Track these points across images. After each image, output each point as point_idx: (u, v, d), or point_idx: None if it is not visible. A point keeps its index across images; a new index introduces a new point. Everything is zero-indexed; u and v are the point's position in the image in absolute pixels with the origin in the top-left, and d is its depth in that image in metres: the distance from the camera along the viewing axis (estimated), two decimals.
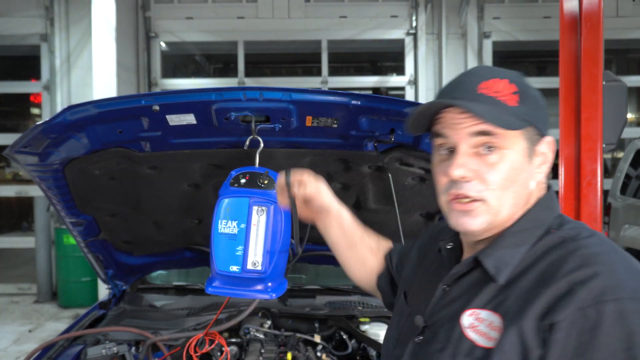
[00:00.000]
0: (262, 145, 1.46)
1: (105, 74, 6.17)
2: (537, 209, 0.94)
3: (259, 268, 1.32)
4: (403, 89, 7.33)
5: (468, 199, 0.90)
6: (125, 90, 6.45)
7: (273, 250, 1.34)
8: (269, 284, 1.37)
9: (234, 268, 1.32)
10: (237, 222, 1.33)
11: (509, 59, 9.20)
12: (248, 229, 1.33)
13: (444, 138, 0.93)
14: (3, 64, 8.01)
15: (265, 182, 1.38)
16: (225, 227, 1.33)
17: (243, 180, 1.39)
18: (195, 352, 1.63)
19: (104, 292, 2.88)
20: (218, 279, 1.37)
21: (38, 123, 1.60)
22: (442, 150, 0.95)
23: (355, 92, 1.57)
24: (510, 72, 0.94)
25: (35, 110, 9.34)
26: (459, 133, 0.90)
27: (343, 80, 7.85)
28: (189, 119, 1.61)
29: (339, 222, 1.27)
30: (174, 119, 1.61)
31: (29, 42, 7.00)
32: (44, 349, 2.05)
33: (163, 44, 7.41)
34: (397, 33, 7.22)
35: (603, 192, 2.19)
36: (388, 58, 9.03)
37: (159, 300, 2.59)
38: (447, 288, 0.98)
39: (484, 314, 0.87)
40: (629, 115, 10.22)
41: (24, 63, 8.16)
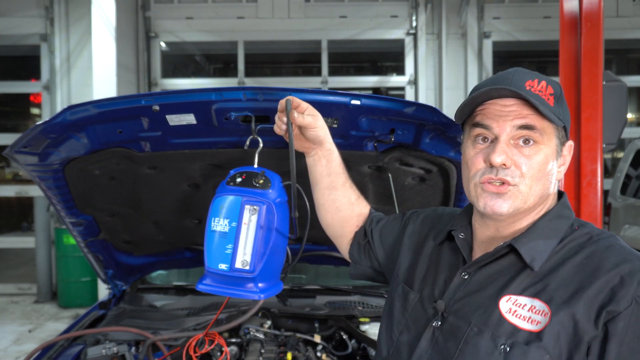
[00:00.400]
0: (261, 145, 1.45)
1: (105, 74, 6.17)
2: (560, 207, 1.04)
3: (247, 267, 1.32)
4: (403, 89, 7.33)
5: (502, 184, 0.98)
6: (125, 90, 6.45)
7: (263, 251, 1.33)
8: (259, 284, 1.36)
9: (223, 266, 1.32)
10: (229, 220, 1.33)
11: (509, 59, 9.20)
12: (238, 228, 1.33)
13: (485, 128, 1.01)
14: (3, 64, 8.01)
15: (261, 181, 1.37)
16: (218, 224, 1.33)
17: (239, 179, 1.38)
18: (195, 352, 1.63)
19: (104, 292, 2.88)
20: (209, 277, 1.37)
21: (38, 123, 1.60)
22: (479, 140, 1.03)
23: (355, 92, 1.57)
24: (549, 78, 1.03)
25: (35, 110, 9.33)
26: (503, 125, 0.98)
27: (343, 80, 7.85)
28: (189, 119, 1.61)
29: (328, 159, 1.31)
30: (174, 119, 1.61)
31: (29, 42, 7.01)
32: (44, 349, 2.05)
33: (163, 44, 7.41)
34: (397, 33, 7.22)
35: (603, 192, 2.19)
36: (388, 58, 9.03)
37: (159, 300, 2.60)
38: (466, 276, 1.04)
39: (523, 300, 0.94)
40: (629, 115, 10.21)
41: (24, 63, 8.16)
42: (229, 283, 1.36)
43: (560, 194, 1.08)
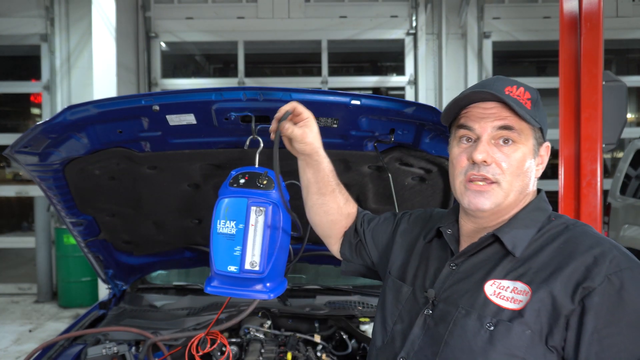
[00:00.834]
0: (262, 145, 1.45)
1: (105, 74, 6.17)
2: (537, 201, 1.14)
3: (257, 268, 1.32)
4: (403, 89, 7.33)
5: (484, 182, 1.08)
6: (125, 90, 6.44)
7: (271, 251, 1.34)
8: (268, 284, 1.37)
9: (232, 268, 1.32)
10: (235, 222, 1.33)
11: (509, 59, 9.20)
12: (246, 230, 1.33)
13: (469, 129, 1.11)
14: (3, 64, 8.01)
15: (264, 182, 1.37)
16: (224, 227, 1.33)
17: (242, 181, 1.39)
18: (197, 352, 1.63)
19: (104, 292, 2.88)
20: (217, 279, 1.37)
21: (38, 123, 1.60)
22: (463, 140, 1.13)
23: (355, 92, 1.57)
24: (528, 86, 1.13)
25: (36, 110, 9.33)
26: (485, 125, 1.08)
27: (343, 80, 7.85)
28: (189, 119, 1.61)
29: (316, 169, 1.34)
30: (174, 119, 1.61)
31: (29, 42, 7.00)
32: (44, 349, 2.05)
33: (163, 44, 7.41)
34: (397, 33, 7.22)
35: (603, 192, 2.19)
36: (388, 58, 9.02)
37: (159, 300, 2.60)
38: (454, 266, 1.14)
39: (506, 283, 1.04)
40: (629, 115, 10.22)
41: (24, 63, 8.16)
42: (238, 284, 1.37)
43: (538, 191, 1.18)
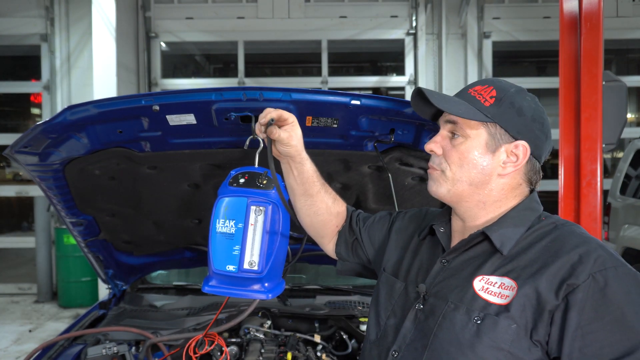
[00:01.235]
0: (262, 145, 1.45)
1: (105, 74, 6.17)
2: (528, 201, 1.16)
3: (256, 268, 1.32)
4: (403, 89, 7.33)
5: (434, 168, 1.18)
6: (125, 90, 6.44)
7: (270, 251, 1.34)
8: (266, 284, 1.37)
9: (231, 267, 1.32)
10: (234, 221, 1.33)
11: (509, 59, 9.20)
12: (245, 229, 1.33)
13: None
14: (3, 64, 8.01)
15: (264, 182, 1.37)
16: (223, 226, 1.33)
17: (242, 180, 1.39)
18: (195, 353, 1.63)
19: (104, 292, 2.88)
20: (215, 278, 1.37)
21: (38, 123, 1.60)
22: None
23: (355, 92, 1.57)
24: (512, 85, 1.15)
25: (36, 110, 9.33)
26: (442, 120, 1.19)
27: (343, 80, 7.85)
28: (189, 119, 1.61)
29: (299, 171, 1.35)
30: (174, 119, 1.61)
31: (29, 42, 7.00)
32: (44, 349, 2.05)
33: (163, 44, 7.41)
34: (397, 33, 7.22)
35: (603, 192, 2.19)
36: (388, 58, 9.02)
37: (159, 300, 2.60)
38: (445, 262, 1.17)
39: (494, 279, 1.07)
40: (629, 115, 10.22)
41: (24, 63, 8.16)
42: (236, 284, 1.36)
43: (531, 192, 1.21)
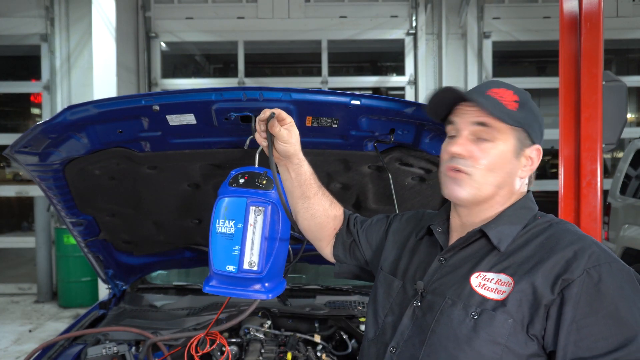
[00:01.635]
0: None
1: (105, 74, 6.17)
2: (524, 200, 1.18)
3: (255, 268, 1.32)
4: (403, 89, 7.33)
5: (458, 172, 1.13)
6: (125, 90, 6.44)
7: (270, 251, 1.34)
8: (266, 284, 1.37)
9: (231, 268, 1.32)
10: (234, 221, 1.33)
11: (509, 59, 9.19)
12: (245, 229, 1.33)
13: (453, 125, 1.17)
14: (3, 64, 8.01)
15: (264, 182, 1.37)
16: (223, 226, 1.33)
17: (242, 180, 1.39)
18: (197, 352, 1.63)
19: (104, 292, 2.88)
20: (215, 279, 1.37)
21: (38, 123, 1.60)
22: (451, 134, 1.18)
23: (355, 92, 1.57)
24: (521, 89, 1.17)
25: (36, 110, 9.33)
26: (464, 121, 1.14)
27: (343, 80, 7.85)
28: (189, 119, 1.61)
29: (297, 172, 1.36)
30: (174, 119, 1.61)
31: (29, 42, 7.00)
32: (44, 349, 2.05)
33: (163, 44, 7.41)
34: (397, 33, 7.22)
35: (603, 192, 2.19)
36: (388, 58, 9.02)
37: (159, 300, 2.60)
38: (443, 260, 1.18)
39: (491, 275, 1.09)
40: (629, 115, 10.21)
41: (24, 63, 8.16)
42: (236, 284, 1.37)
43: (527, 191, 1.23)
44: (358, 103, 1.53)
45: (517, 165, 1.14)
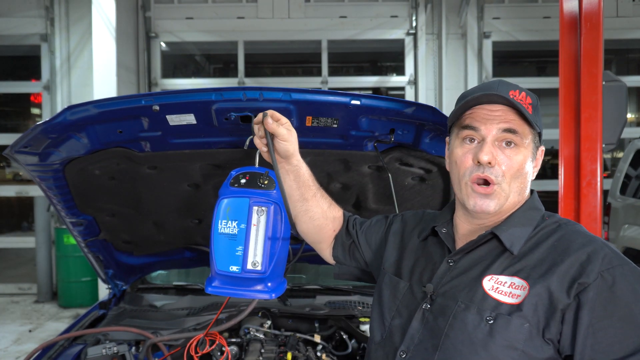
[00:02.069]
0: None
1: (105, 74, 6.17)
2: (532, 201, 1.18)
3: (259, 268, 1.32)
4: (403, 89, 7.33)
5: (488, 185, 1.11)
6: (125, 90, 6.45)
7: (273, 251, 1.34)
8: (269, 284, 1.37)
9: (234, 268, 1.32)
10: (237, 222, 1.33)
11: (509, 59, 9.19)
12: (248, 229, 1.33)
13: (473, 130, 1.12)
14: (3, 64, 8.01)
15: (266, 182, 1.37)
16: (225, 227, 1.33)
17: (243, 181, 1.39)
18: (196, 352, 1.63)
19: (104, 292, 2.88)
20: (218, 279, 1.37)
21: (38, 123, 1.60)
22: (466, 141, 1.14)
23: (355, 92, 1.57)
24: (523, 87, 1.15)
25: (36, 110, 9.33)
26: (490, 127, 1.10)
27: (343, 80, 7.85)
28: (189, 119, 1.61)
29: (296, 174, 1.36)
30: (174, 119, 1.61)
31: (29, 42, 7.01)
32: (44, 349, 2.05)
33: (163, 44, 7.41)
34: (397, 33, 7.22)
35: (603, 192, 2.20)
36: (388, 58, 9.02)
37: (159, 300, 2.60)
38: (452, 262, 1.16)
39: (504, 278, 1.07)
40: (629, 115, 10.21)
41: (24, 63, 8.16)
42: (239, 284, 1.36)
43: (531, 191, 1.22)
44: (358, 103, 1.53)
45: (531, 169, 1.15)
